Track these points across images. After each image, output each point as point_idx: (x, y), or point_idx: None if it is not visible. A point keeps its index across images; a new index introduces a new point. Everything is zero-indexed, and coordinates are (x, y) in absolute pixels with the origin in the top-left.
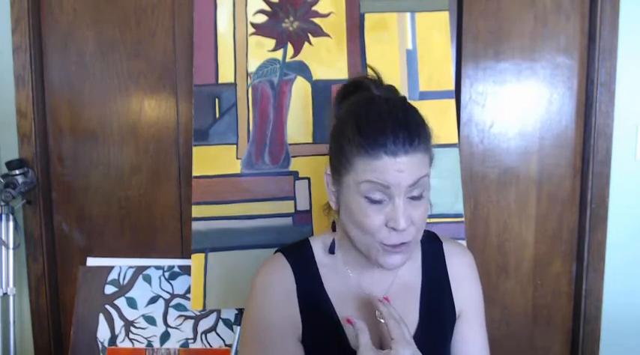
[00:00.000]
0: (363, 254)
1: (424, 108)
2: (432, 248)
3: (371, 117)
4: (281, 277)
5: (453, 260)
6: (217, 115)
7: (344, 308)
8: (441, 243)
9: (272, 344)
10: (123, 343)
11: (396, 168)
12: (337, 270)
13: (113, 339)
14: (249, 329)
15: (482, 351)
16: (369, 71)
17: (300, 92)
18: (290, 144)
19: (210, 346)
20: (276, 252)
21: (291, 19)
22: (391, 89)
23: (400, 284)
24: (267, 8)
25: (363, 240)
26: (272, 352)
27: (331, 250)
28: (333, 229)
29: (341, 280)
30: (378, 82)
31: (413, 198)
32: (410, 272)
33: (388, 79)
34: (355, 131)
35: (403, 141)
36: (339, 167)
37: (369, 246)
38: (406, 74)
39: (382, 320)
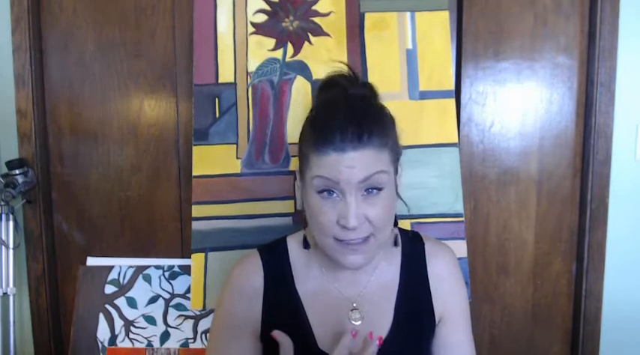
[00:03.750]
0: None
1: (424, 107)
2: (413, 248)
3: (325, 116)
4: (250, 276)
5: (433, 260)
6: (217, 115)
7: (315, 307)
8: (423, 243)
9: (230, 337)
10: (123, 343)
11: (345, 164)
12: (311, 270)
13: (113, 339)
14: (215, 320)
15: (467, 354)
16: (346, 68)
17: (300, 91)
18: (290, 144)
19: None
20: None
21: (291, 18)
22: (367, 86)
23: (376, 285)
24: (267, 8)
25: (321, 239)
26: (229, 345)
27: (305, 245)
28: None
29: (314, 280)
30: (354, 79)
31: (368, 194)
32: (388, 272)
33: (388, 78)
34: (309, 128)
35: (352, 137)
36: (300, 165)
37: (326, 244)
38: (406, 74)
39: (356, 323)
